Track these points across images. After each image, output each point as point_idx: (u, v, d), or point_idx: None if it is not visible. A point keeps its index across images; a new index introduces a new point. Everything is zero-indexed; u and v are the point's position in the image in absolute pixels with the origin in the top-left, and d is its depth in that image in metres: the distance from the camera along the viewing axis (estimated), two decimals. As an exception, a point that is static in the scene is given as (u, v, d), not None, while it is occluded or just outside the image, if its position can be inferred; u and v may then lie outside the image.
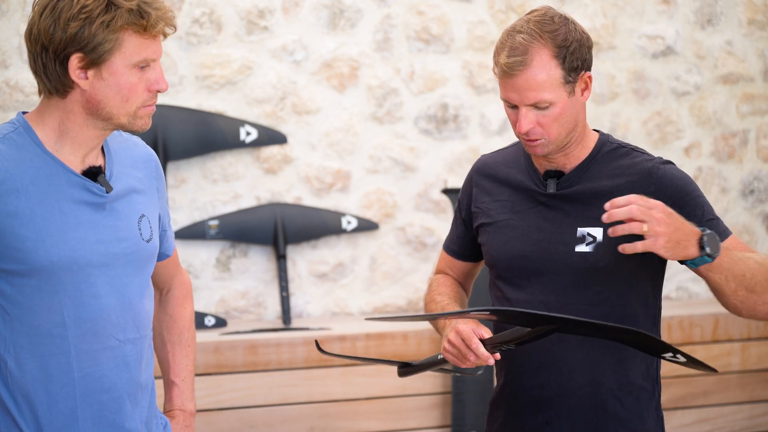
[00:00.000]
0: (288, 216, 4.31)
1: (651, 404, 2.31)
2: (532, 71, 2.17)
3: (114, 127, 2.01)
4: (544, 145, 2.23)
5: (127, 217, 2.06)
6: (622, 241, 2.13)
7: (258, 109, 4.33)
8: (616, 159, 2.29)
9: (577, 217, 2.27)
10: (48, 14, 1.93)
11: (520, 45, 2.19)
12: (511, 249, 2.32)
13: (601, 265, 2.23)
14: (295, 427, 3.96)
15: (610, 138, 2.33)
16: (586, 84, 2.24)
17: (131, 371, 2.06)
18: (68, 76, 1.95)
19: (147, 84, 1.98)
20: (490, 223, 2.37)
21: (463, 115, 4.56)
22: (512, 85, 2.19)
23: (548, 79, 2.18)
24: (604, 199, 2.20)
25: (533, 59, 2.17)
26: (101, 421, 2.03)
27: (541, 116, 2.20)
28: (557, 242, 2.27)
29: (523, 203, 2.33)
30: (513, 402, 2.34)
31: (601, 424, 2.28)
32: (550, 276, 2.27)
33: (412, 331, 4.07)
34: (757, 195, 4.94)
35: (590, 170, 2.29)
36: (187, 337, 2.32)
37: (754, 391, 4.41)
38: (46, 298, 1.97)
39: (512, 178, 2.37)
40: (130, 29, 1.94)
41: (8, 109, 4.09)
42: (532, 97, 2.18)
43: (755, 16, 4.86)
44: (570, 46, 2.20)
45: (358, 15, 4.42)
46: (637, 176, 2.25)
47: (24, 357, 1.98)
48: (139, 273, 2.08)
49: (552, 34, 2.19)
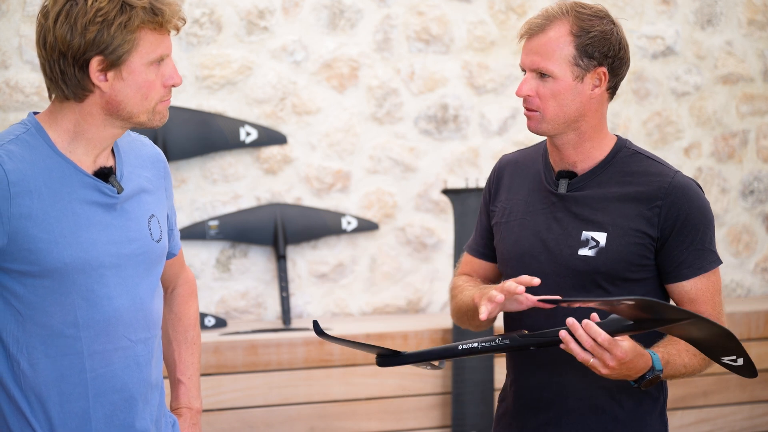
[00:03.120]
0: (288, 216, 4.31)
1: (655, 409, 2.33)
2: (545, 36, 2.23)
3: (133, 125, 2.02)
4: (539, 120, 2.26)
5: (137, 217, 2.07)
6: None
7: (258, 110, 4.33)
8: (631, 166, 2.30)
9: (583, 221, 2.28)
10: (63, 21, 1.93)
11: (546, 12, 2.26)
12: (521, 248, 2.33)
13: (603, 270, 2.24)
14: (295, 427, 3.96)
15: (627, 143, 2.34)
16: (600, 80, 2.25)
17: (142, 371, 2.07)
18: (88, 81, 1.95)
19: (162, 80, 2.00)
20: (504, 221, 2.39)
21: (463, 116, 4.56)
22: (525, 47, 2.26)
23: (557, 50, 2.22)
24: (611, 205, 2.24)
25: (551, 27, 2.23)
26: (113, 421, 2.04)
27: (541, 86, 2.24)
28: (563, 244, 2.28)
29: (537, 203, 2.34)
30: (517, 400, 2.37)
31: (600, 426, 2.29)
32: (553, 277, 2.28)
33: (412, 332, 4.07)
34: (757, 195, 4.94)
35: (603, 174, 2.30)
36: (193, 335, 2.33)
37: (754, 391, 4.41)
38: (59, 299, 1.98)
39: (531, 176, 2.38)
40: (146, 27, 1.95)
41: (8, 109, 4.08)
42: (536, 61, 2.23)
43: (755, 16, 4.86)
44: (592, 32, 2.23)
45: (358, 15, 4.42)
46: (647, 187, 2.26)
47: (37, 357, 1.99)
48: (150, 273, 2.09)
49: (581, 15, 2.24)
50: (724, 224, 4.91)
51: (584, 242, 2.26)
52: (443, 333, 4.09)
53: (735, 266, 4.95)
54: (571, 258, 2.26)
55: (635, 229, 2.24)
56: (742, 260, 4.95)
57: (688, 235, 2.24)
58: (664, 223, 2.24)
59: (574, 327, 2.08)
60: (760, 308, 4.50)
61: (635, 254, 2.24)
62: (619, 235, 2.24)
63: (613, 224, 2.25)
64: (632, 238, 2.24)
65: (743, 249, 4.95)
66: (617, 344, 2.08)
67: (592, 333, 2.06)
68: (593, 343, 2.07)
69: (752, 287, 4.98)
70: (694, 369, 2.24)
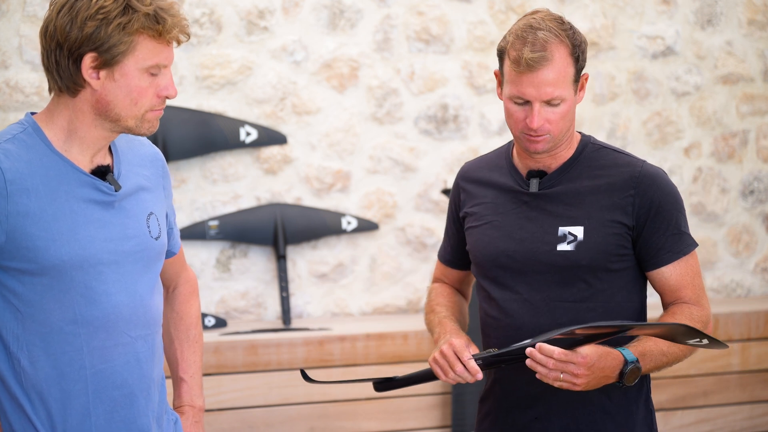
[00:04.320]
0: (288, 216, 4.31)
1: (640, 398, 2.37)
2: (554, 66, 2.22)
3: (121, 129, 2.03)
4: (547, 142, 2.28)
5: (135, 215, 2.08)
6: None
7: (258, 110, 4.33)
8: (599, 160, 2.34)
9: (558, 217, 2.32)
10: (66, 12, 1.95)
11: (542, 41, 2.22)
12: (494, 249, 2.36)
13: (584, 263, 2.29)
14: (295, 427, 3.96)
15: (592, 139, 2.38)
16: (582, 84, 2.31)
17: (143, 367, 2.08)
18: (80, 75, 1.96)
19: (157, 89, 2.01)
20: (476, 225, 2.41)
21: (463, 116, 4.56)
22: (531, 80, 2.22)
23: (565, 76, 2.23)
24: (585, 199, 2.29)
25: (554, 55, 2.22)
26: (114, 418, 2.05)
27: (551, 113, 2.24)
28: (540, 241, 2.32)
29: (507, 204, 2.37)
30: (503, 398, 2.39)
31: (589, 417, 2.33)
32: (533, 275, 2.32)
33: (412, 332, 4.07)
34: (757, 195, 4.94)
35: (572, 170, 2.34)
36: (195, 334, 2.34)
37: (754, 391, 4.41)
38: (58, 296, 1.99)
39: (495, 180, 2.41)
40: (145, 33, 1.96)
41: (8, 109, 4.09)
42: (549, 92, 2.22)
43: (755, 17, 4.86)
44: (580, 46, 2.26)
45: (358, 15, 4.42)
46: (618, 178, 2.31)
47: (37, 355, 2.00)
48: (149, 270, 2.10)
49: (567, 32, 2.25)
50: (724, 224, 4.91)
51: (561, 238, 2.30)
52: (443, 333, 4.09)
53: (735, 266, 4.95)
54: (550, 254, 2.30)
55: (611, 219, 2.29)
56: (742, 260, 4.95)
57: (663, 220, 2.29)
58: (639, 210, 2.28)
59: (533, 354, 2.15)
60: (760, 308, 4.50)
61: (613, 244, 2.28)
62: (595, 227, 2.28)
63: (588, 217, 2.29)
64: (609, 228, 2.28)
65: (743, 249, 4.95)
66: (574, 352, 2.14)
67: (546, 353, 2.13)
68: (553, 361, 2.13)
69: (752, 287, 4.98)
70: (676, 355, 2.28)
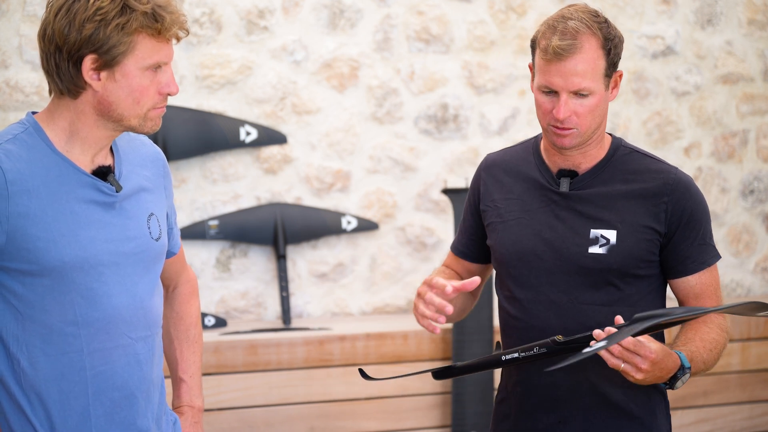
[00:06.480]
0: (288, 216, 4.31)
1: (662, 403, 2.35)
2: (583, 56, 2.19)
3: (124, 128, 2.02)
4: (575, 136, 2.24)
5: (136, 216, 2.08)
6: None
7: (258, 109, 4.33)
8: (631, 164, 2.31)
9: (590, 219, 2.28)
10: (63, 15, 1.94)
11: (572, 30, 2.19)
12: (521, 247, 2.32)
13: (615, 267, 2.26)
14: (295, 427, 3.96)
15: (623, 142, 2.36)
16: (616, 82, 2.27)
17: (143, 369, 2.08)
18: (81, 77, 1.96)
19: (158, 87, 2.00)
20: (500, 221, 2.37)
21: (463, 116, 4.56)
22: (559, 69, 2.19)
23: (595, 68, 2.20)
24: (617, 203, 2.26)
25: (584, 45, 2.19)
26: (113, 419, 2.05)
27: (578, 105, 2.21)
28: (570, 243, 2.28)
29: (534, 201, 2.34)
30: (525, 401, 2.35)
31: (614, 422, 2.29)
32: (561, 275, 2.29)
33: (412, 331, 4.06)
34: (757, 195, 4.94)
35: (605, 173, 2.31)
36: (194, 334, 2.34)
37: (754, 391, 4.41)
38: (58, 298, 1.98)
39: (523, 174, 2.38)
40: (144, 32, 1.96)
41: (8, 109, 4.09)
42: (577, 82, 2.19)
43: (755, 16, 4.86)
44: (614, 41, 2.23)
45: (358, 15, 4.42)
46: (651, 184, 2.28)
47: (37, 356, 1.99)
48: (149, 271, 2.10)
49: (600, 25, 2.22)
50: (724, 224, 4.91)
51: (593, 240, 2.27)
52: (443, 333, 4.09)
53: (735, 266, 4.94)
54: (581, 256, 2.27)
55: (644, 225, 2.26)
56: (742, 260, 4.95)
57: (693, 230, 2.28)
58: (671, 218, 2.27)
59: (599, 336, 2.09)
60: (761, 308, 4.50)
61: (644, 250, 2.26)
62: (628, 232, 2.26)
63: (622, 221, 2.27)
64: (641, 234, 2.26)
65: (743, 249, 4.95)
66: (643, 345, 2.09)
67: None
68: (620, 348, 2.08)
69: (752, 287, 4.98)
70: (709, 365, 2.27)
